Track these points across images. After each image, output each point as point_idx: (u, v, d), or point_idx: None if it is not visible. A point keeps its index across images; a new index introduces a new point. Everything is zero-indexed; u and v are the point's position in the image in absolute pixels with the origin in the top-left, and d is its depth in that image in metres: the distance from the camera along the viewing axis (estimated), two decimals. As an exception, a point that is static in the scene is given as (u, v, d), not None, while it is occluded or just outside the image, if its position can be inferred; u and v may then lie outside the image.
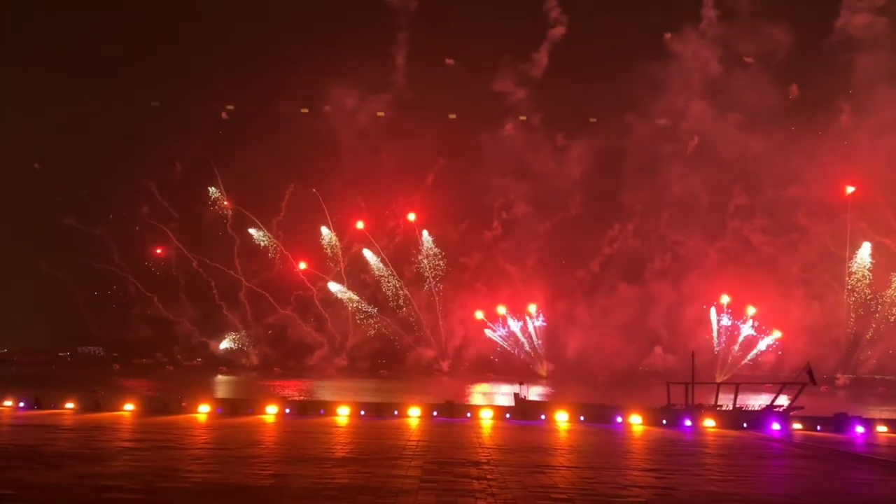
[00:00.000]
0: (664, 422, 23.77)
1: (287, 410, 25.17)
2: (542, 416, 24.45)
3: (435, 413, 24.83)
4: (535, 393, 36.17)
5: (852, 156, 59.44)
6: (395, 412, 25.03)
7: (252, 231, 70.66)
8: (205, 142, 71.31)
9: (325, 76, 65.34)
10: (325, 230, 70.72)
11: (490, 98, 66.85)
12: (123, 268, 70.81)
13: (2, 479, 10.32)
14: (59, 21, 73.87)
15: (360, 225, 69.23)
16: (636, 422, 23.59)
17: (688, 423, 23.32)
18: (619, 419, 23.83)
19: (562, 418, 23.91)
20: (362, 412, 24.75)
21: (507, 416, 24.87)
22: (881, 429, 22.70)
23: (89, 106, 69.93)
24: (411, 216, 68.94)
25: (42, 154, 72.43)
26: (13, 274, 71.55)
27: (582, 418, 23.98)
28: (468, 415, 24.81)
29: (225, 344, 70.75)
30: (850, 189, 59.96)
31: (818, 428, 23.36)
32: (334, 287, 70.02)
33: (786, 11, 59.89)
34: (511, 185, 66.35)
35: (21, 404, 24.97)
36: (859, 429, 22.36)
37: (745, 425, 23.08)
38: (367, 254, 69.65)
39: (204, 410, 24.68)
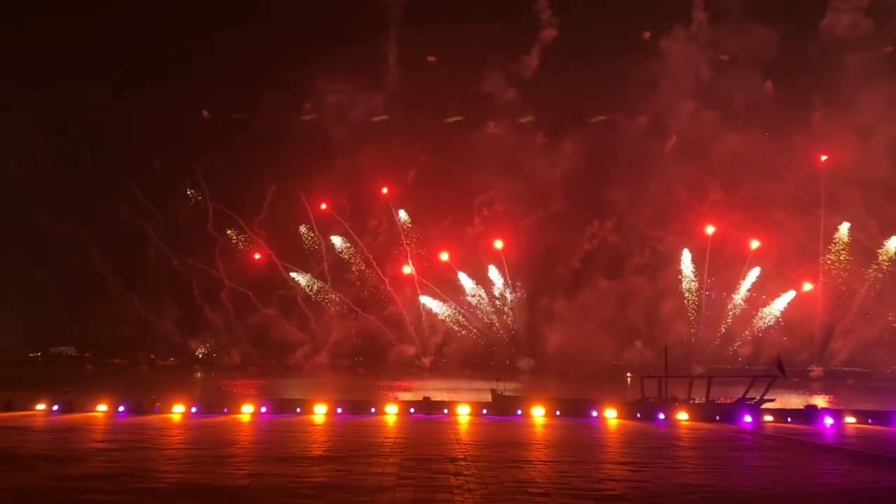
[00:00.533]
0: (638, 415, 24.25)
1: (263, 409, 24.59)
2: (519, 412, 24.66)
3: (412, 410, 24.83)
4: (511, 388, 36.62)
5: (830, 152, 61.97)
6: (373, 409, 24.95)
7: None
8: (185, 140, 70.07)
9: (312, 74, 65.15)
10: (302, 228, 70.54)
11: (478, 98, 67.46)
12: (102, 266, 68.82)
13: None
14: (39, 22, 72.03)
15: (323, 206, 69.29)
16: (611, 416, 23.95)
17: (661, 416, 23.79)
18: (595, 413, 24.15)
19: (538, 413, 24.15)
20: (339, 410, 24.53)
21: (484, 411, 25.05)
22: (849, 420, 23.47)
23: (70, 105, 67.21)
24: (384, 190, 69.06)
25: (18, 153, 69.91)
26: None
27: (558, 413, 24.25)
28: (445, 411, 24.79)
29: (200, 349, 70.20)
30: (823, 157, 62.26)
31: (788, 420, 24.11)
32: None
33: (772, 13, 62.47)
34: (494, 182, 66.81)
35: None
36: (828, 420, 23.09)
37: (717, 418, 23.67)
38: (337, 240, 69.76)
39: (178, 410, 24.07)
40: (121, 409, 24.40)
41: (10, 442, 16.33)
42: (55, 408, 24.45)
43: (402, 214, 70.25)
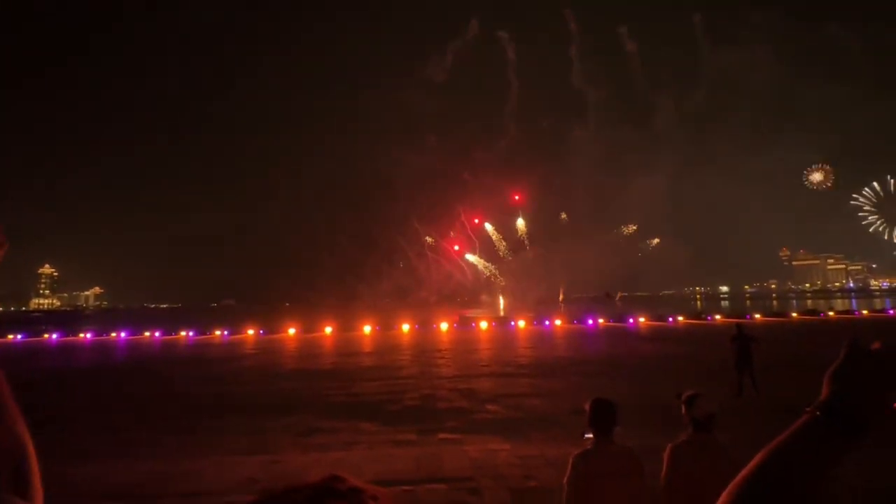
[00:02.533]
0: (536, 322, 38.45)
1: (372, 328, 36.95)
2: (473, 325, 37.53)
3: (417, 326, 37.77)
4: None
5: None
6: (396, 327, 37.19)
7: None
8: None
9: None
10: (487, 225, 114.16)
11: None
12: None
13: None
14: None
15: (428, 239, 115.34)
16: (521, 325, 37.28)
17: (554, 322, 37.83)
18: (513, 323, 37.70)
19: (483, 325, 36.80)
20: (378, 328, 36.93)
21: (455, 325, 37.92)
22: (641, 320, 39.52)
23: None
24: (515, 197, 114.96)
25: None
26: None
27: (493, 324, 37.62)
28: (473, 324, 38.79)
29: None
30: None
31: (611, 321, 39.87)
32: (470, 257, 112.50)
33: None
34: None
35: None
36: (632, 321, 38.36)
37: (575, 321, 38.85)
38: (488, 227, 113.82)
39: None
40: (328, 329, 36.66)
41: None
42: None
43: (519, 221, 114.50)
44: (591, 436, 2.99)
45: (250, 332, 37.16)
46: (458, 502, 5.75)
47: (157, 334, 37.12)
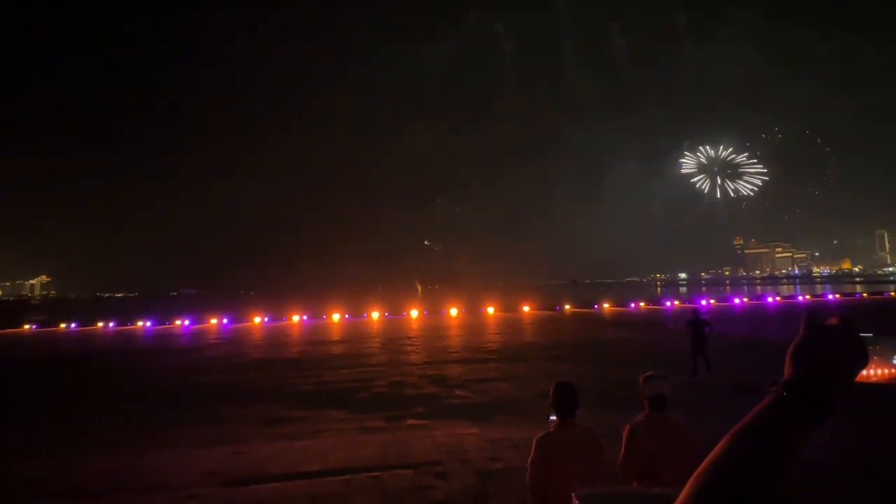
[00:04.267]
0: (517, 308, 37.92)
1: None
2: (444, 312, 37.16)
3: (387, 314, 37.16)
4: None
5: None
6: (366, 315, 37.14)
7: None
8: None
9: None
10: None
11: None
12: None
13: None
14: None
15: None
16: (491, 311, 37.42)
17: (525, 308, 38.00)
18: (488, 310, 36.99)
19: (453, 312, 36.29)
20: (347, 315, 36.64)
21: (426, 312, 38.02)
22: (605, 306, 40.84)
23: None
24: None
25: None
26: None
27: (457, 311, 37.70)
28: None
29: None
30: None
31: (570, 308, 40.89)
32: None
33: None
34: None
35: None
36: (597, 307, 39.63)
37: (557, 309, 39.13)
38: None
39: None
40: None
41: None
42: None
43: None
44: (555, 418, 3.07)
45: (213, 321, 36.10)
46: (426, 487, 5.82)
47: (111, 325, 35.41)
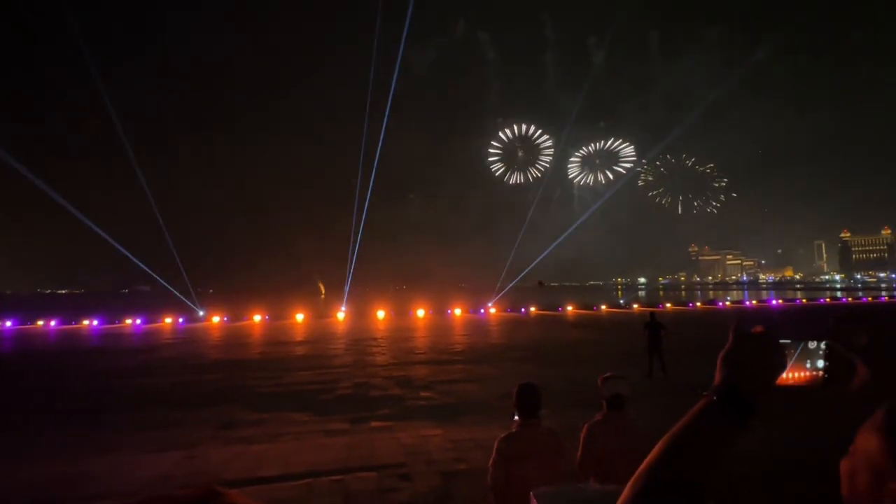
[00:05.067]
0: (483, 310, 38.05)
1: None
2: (412, 313, 37.55)
3: (353, 314, 34.69)
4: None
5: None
6: (331, 315, 34.62)
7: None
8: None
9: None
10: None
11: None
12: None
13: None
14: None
15: None
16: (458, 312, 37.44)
17: (490, 309, 37.90)
18: (450, 311, 37.90)
19: (420, 313, 36.50)
20: (311, 316, 33.36)
21: (393, 313, 38.14)
22: (570, 308, 42.18)
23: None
24: None
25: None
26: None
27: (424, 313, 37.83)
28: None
29: None
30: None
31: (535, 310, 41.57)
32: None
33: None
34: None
35: None
36: (561, 309, 40.08)
37: (508, 310, 40.57)
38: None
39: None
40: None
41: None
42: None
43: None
44: (517, 418, 3.13)
45: (168, 320, 34.46)
46: (389, 489, 5.78)
47: (53, 323, 33.13)
